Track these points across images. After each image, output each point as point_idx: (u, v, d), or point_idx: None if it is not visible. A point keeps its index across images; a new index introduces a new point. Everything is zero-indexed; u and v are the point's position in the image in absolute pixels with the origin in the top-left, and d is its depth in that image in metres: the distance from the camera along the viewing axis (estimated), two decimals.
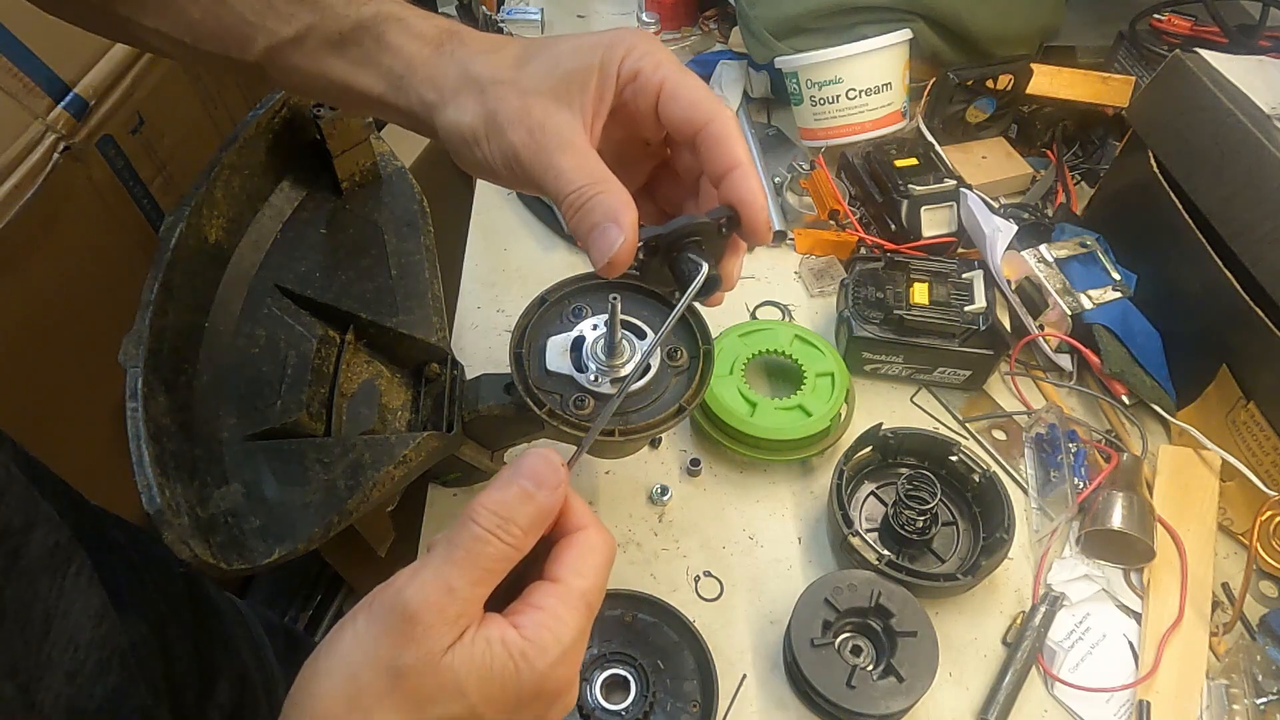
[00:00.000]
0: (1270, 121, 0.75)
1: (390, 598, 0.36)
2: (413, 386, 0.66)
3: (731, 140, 0.44)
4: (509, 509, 0.38)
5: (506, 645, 0.36)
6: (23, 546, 0.49)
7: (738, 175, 0.44)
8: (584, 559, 0.40)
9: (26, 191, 0.75)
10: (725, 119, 0.44)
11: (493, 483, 0.39)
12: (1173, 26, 1.04)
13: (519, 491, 0.38)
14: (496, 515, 0.37)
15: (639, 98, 0.45)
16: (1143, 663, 0.70)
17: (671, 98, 0.44)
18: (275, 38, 0.47)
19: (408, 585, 0.36)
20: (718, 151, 0.45)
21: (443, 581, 0.36)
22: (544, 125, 0.43)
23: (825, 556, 0.76)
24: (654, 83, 0.44)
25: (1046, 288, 0.86)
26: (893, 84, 0.98)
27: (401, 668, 0.35)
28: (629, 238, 0.42)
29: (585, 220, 0.42)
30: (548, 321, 0.63)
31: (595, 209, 0.42)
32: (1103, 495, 0.75)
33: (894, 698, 0.63)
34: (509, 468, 0.39)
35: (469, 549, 0.37)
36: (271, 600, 1.44)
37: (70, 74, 0.80)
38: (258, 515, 0.54)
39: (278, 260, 0.66)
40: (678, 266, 0.46)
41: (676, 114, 0.45)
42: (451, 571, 0.36)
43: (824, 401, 0.78)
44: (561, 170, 0.42)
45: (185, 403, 0.57)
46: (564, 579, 0.39)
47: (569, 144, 0.43)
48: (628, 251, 0.42)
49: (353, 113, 0.51)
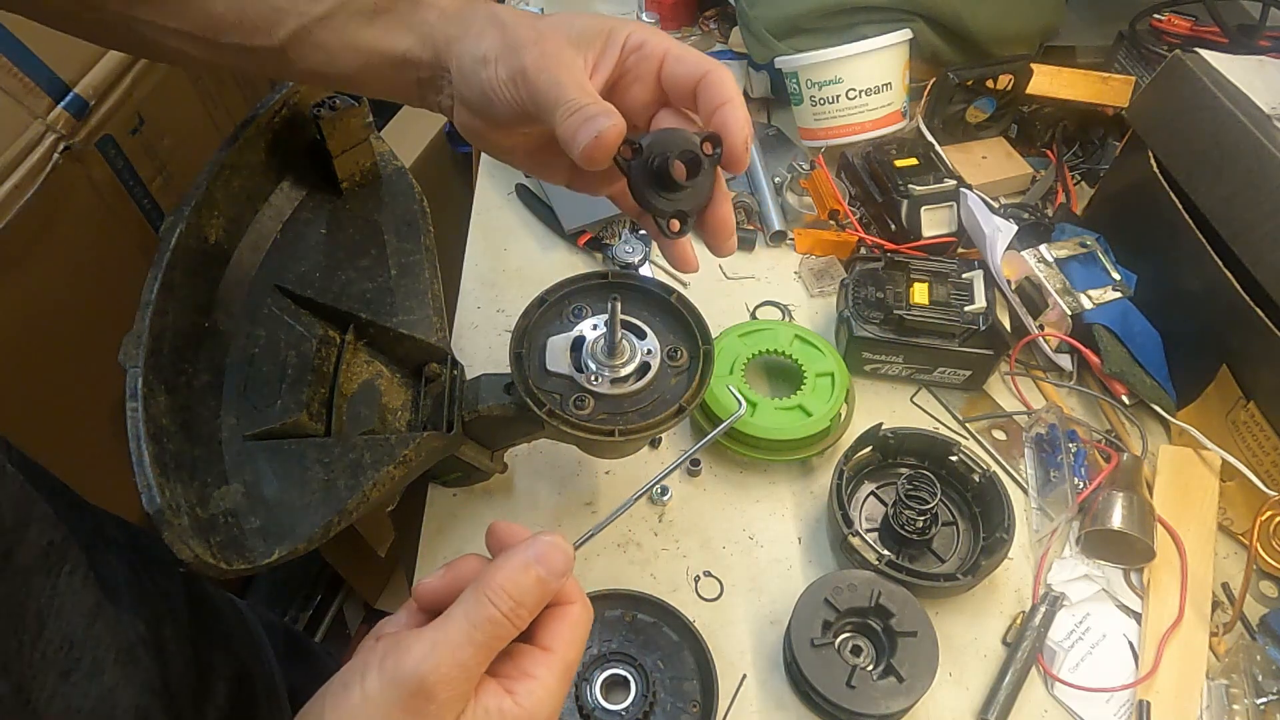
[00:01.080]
0: (1270, 121, 0.75)
1: (407, 668, 0.37)
2: (413, 386, 0.66)
3: (726, 84, 0.48)
4: (524, 594, 0.40)
5: (504, 713, 0.39)
6: (16, 545, 0.49)
7: (725, 109, 0.47)
8: (574, 631, 0.43)
9: (26, 191, 0.75)
10: (723, 70, 0.48)
11: (509, 559, 0.41)
12: (1173, 26, 1.04)
13: (536, 579, 0.41)
14: (513, 600, 0.40)
15: (642, 65, 0.50)
16: (1143, 663, 0.70)
17: (676, 60, 0.49)
18: (306, 18, 0.49)
19: (425, 659, 0.38)
20: (711, 94, 0.48)
21: (459, 661, 0.38)
22: (554, 50, 0.47)
23: (825, 556, 0.76)
24: (658, 50, 0.49)
25: (1046, 288, 0.86)
26: (893, 84, 0.98)
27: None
28: (617, 122, 0.44)
29: (575, 120, 0.44)
30: (548, 321, 0.64)
31: (588, 112, 0.45)
32: (1103, 495, 0.75)
33: (894, 698, 0.63)
34: (528, 549, 0.41)
35: (487, 632, 0.39)
36: (271, 600, 1.44)
37: (70, 74, 0.80)
38: (258, 515, 0.54)
39: (278, 260, 0.66)
40: (662, 170, 0.48)
41: (679, 72, 0.49)
42: (468, 652, 0.38)
43: (824, 401, 0.78)
44: (564, 84, 0.45)
45: (185, 403, 0.57)
46: (556, 650, 0.42)
47: (570, 66, 0.47)
48: (613, 131, 0.44)
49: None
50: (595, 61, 0.49)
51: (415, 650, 0.38)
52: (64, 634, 0.51)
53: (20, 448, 0.61)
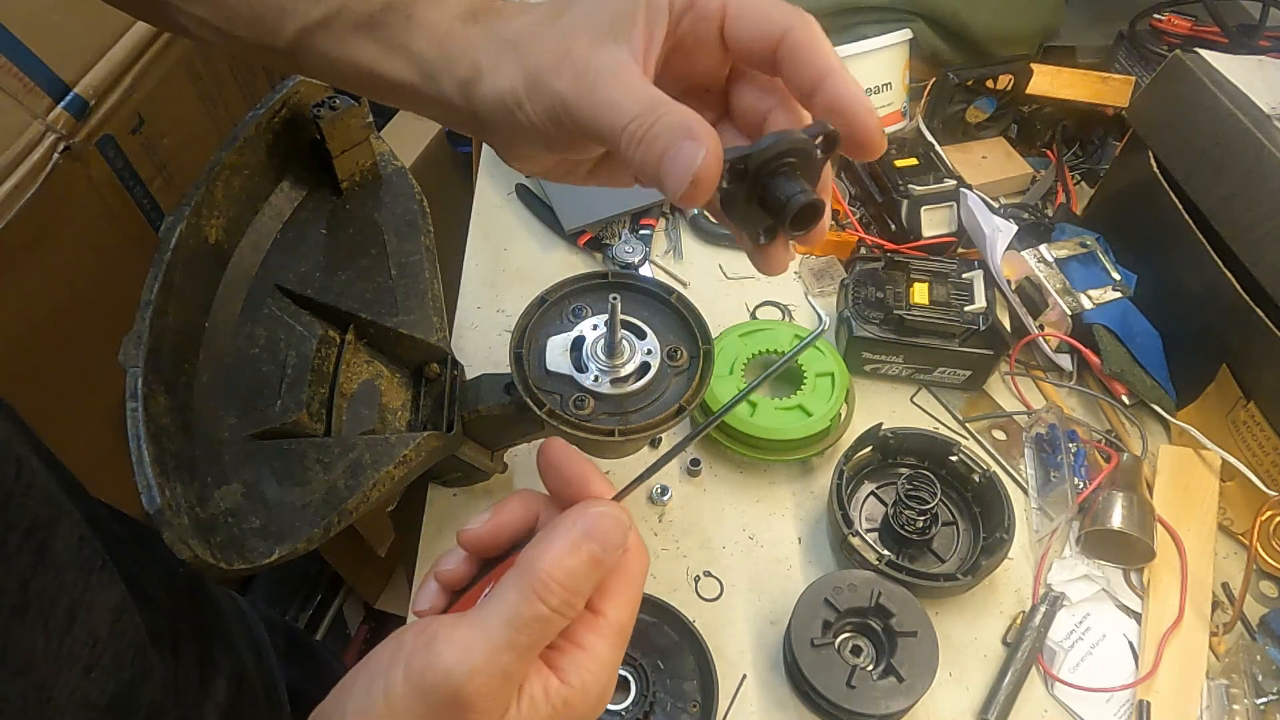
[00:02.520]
0: (1270, 121, 0.75)
1: (439, 675, 0.33)
2: (413, 386, 0.66)
3: (817, 46, 0.37)
4: (578, 581, 0.34)
5: (550, 698, 0.34)
6: (50, 540, 0.48)
7: (831, 83, 0.37)
8: (627, 589, 0.36)
9: (26, 191, 0.75)
10: (807, 23, 0.37)
11: (558, 538, 0.35)
12: (1173, 26, 1.04)
13: (589, 559, 0.35)
14: (566, 591, 0.34)
15: (699, 26, 0.39)
16: (1143, 663, 0.70)
17: (738, 15, 0.38)
18: (305, 19, 0.45)
19: (460, 664, 0.32)
20: (803, 61, 0.37)
21: (500, 667, 0.33)
22: (589, 63, 0.37)
23: (825, 556, 0.76)
24: (715, 5, 0.38)
25: (1046, 288, 0.86)
26: (893, 84, 0.98)
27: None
28: (712, 150, 0.34)
29: (652, 149, 0.35)
30: (548, 321, 0.64)
31: (661, 132, 0.35)
32: (1103, 495, 0.75)
33: (894, 698, 0.63)
34: (575, 524, 0.35)
35: (535, 632, 0.34)
36: (271, 599, 1.44)
37: (70, 74, 0.80)
38: (258, 515, 0.54)
39: (278, 260, 0.66)
40: (770, 194, 0.38)
41: (748, 31, 0.38)
42: (510, 657, 0.33)
43: (824, 401, 0.78)
44: (614, 101, 0.36)
45: (185, 403, 0.57)
46: (606, 612, 0.36)
47: (617, 74, 0.37)
48: (712, 168, 0.34)
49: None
50: (643, 46, 0.38)
51: (447, 654, 0.33)
52: (90, 630, 0.50)
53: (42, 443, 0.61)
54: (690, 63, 0.41)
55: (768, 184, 0.38)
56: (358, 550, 1.32)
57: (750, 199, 0.39)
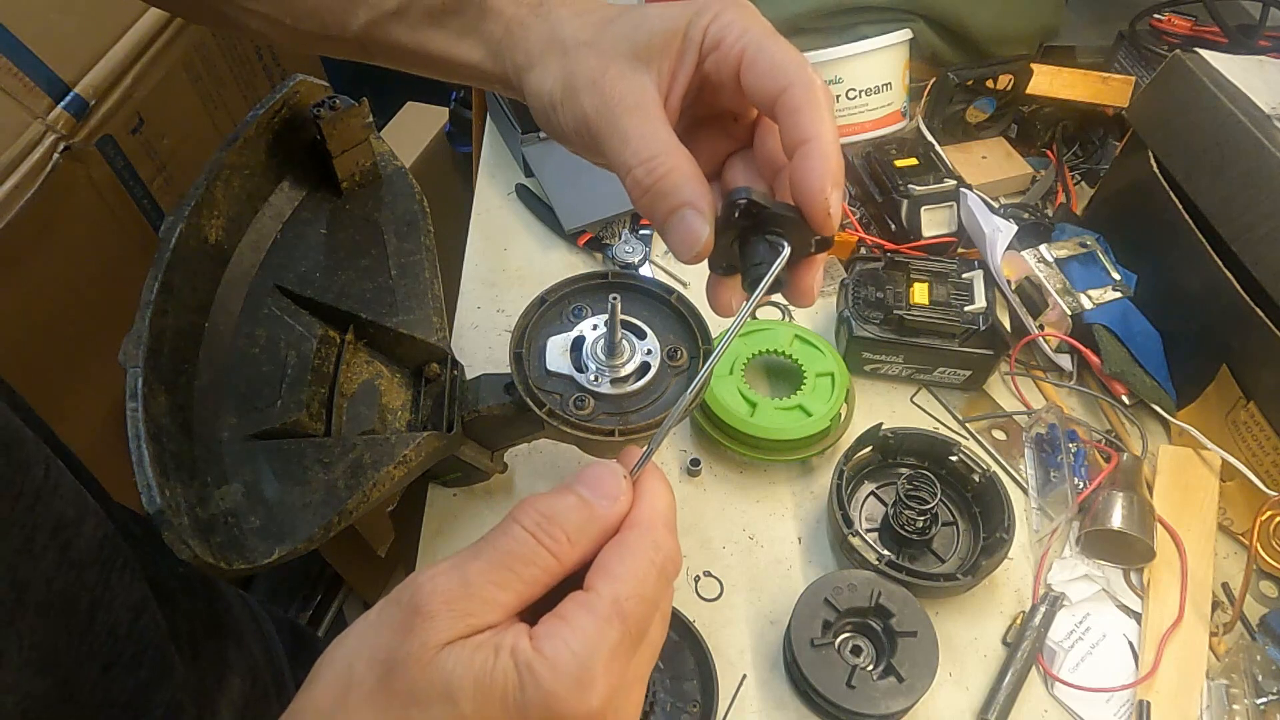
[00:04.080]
0: (1270, 121, 0.75)
1: (404, 586, 0.33)
2: (413, 386, 0.66)
3: (806, 109, 0.38)
4: (556, 511, 0.34)
5: (515, 654, 0.31)
6: (74, 539, 0.49)
7: (803, 152, 0.38)
8: (622, 560, 0.34)
9: (26, 191, 0.75)
10: (805, 84, 0.38)
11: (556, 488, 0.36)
12: (1173, 26, 1.04)
13: (575, 499, 0.35)
14: (540, 515, 0.33)
15: (721, 68, 0.41)
16: (1143, 663, 0.70)
17: (752, 64, 0.40)
18: (377, 11, 0.46)
19: (425, 575, 0.32)
20: (792, 121, 0.38)
21: (459, 573, 0.32)
22: (616, 88, 0.40)
23: (825, 556, 0.76)
24: (735, 51, 0.40)
25: (1046, 288, 0.86)
26: (893, 84, 0.98)
27: (394, 661, 0.31)
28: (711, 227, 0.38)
29: (658, 205, 0.39)
30: (548, 321, 0.64)
31: (667, 191, 0.38)
32: (1103, 495, 0.75)
33: (894, 698, 0.63)
34: (570, 477, 0.36)
35: (499, 545, 0.33)
36: (272, 599, 1.44)
37: (70, 74, 0.80)
38: (258, 515, 0.54)
39: (278, 260, 0.66)
40: (747, 249, 0.40)
41: (755, 80, 0.40)
42: (473, 565, 0.32)
43: (824, 401, 0.78)
44: (628, 136, 0.39)
45: (185, 403, 0.57)
46: (597, 587, 0.33)
47: (638, 107, 0.40)
48: (711, 239, 0.38)
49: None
50: (672, 73, 0.41)
51: (425, 570, 0.32)
52: (110, 628, 0.51)
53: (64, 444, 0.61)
54: (717, 96, 0.43)
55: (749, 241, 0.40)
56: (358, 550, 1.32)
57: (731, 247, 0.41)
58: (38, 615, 0.46)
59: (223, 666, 0.67)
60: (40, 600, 0.46)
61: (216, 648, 0.67)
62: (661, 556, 0.35)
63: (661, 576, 0.34)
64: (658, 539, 0.35)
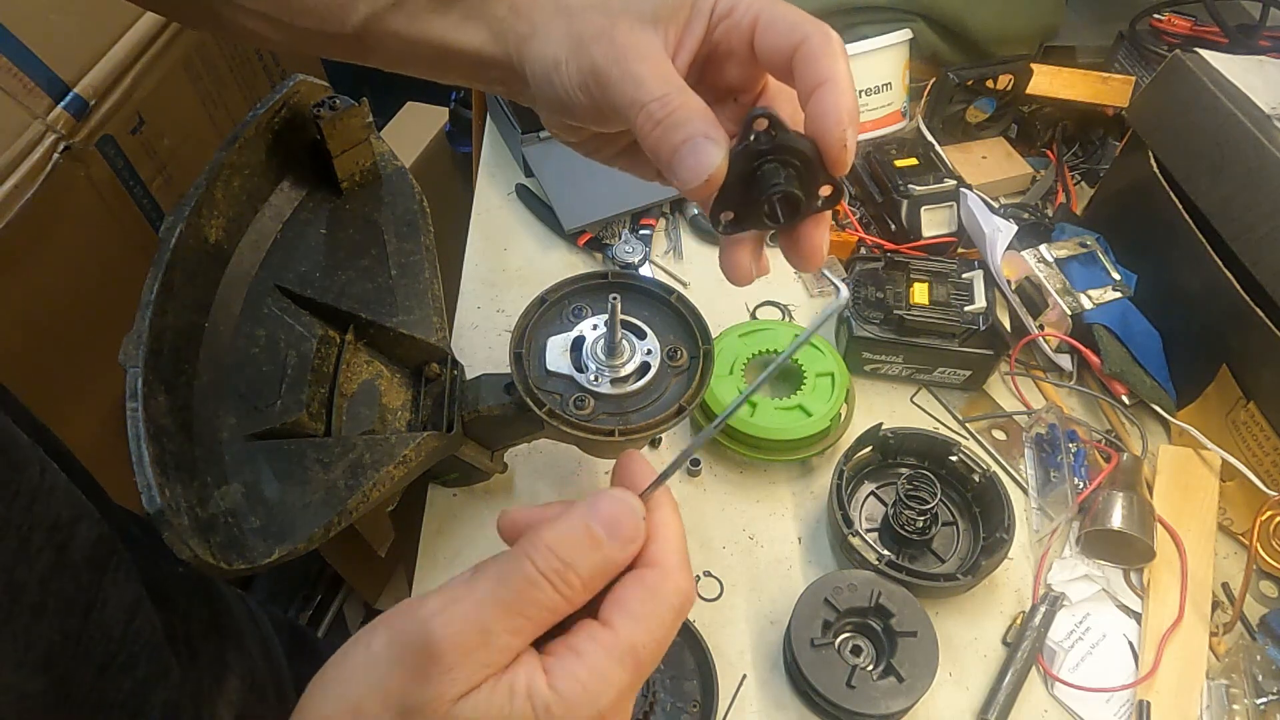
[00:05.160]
0: (1270, 121, 0.75)
1: (417, 626, 0.31)
2: (413, 386, 0.66)
3: (825, 55, 0.39)
4: (572, 553, 0.33)
5: (531, 698, 0.31)
6: (70, 540, 0.49)
7: (822, 91, 0.38)
8: (644, 603, 0.33)
9: (26, 191, 0.75)
10: (823, 35, 0.39)
11: (564, 514, 0.34)
12: (1173, 26, 1.04)
13: (588, 537, 0.33)
14: (556, 558, 0.32)
15: (732, 34, 0.41)
16: (1143, 663, 0.70)
17: (768, 25, 0.40)
18: (377, 4, 0.46)
19: (437, 615, 0.31)
20: (809, 68, 0.39)
21: (479, 623, 0.31)
22: (627, 39, 0.40)
23: (825, 556, 0.76)
24: (749, 16, 0.41)
25: (1046, 288, 0.86)
26: (893, 84, 0.98)
27: (409, 708, 0.31)
28: (725, 153, 0.38)
29: (670, 136, 0.38)
30: (548, 321, 0.64)
31: (681, 123, 0.38)
32: (1103, 495, 0.75)
33: (894, 698, 0.63)
34: (584, 503, 0.34)
35: (513, 586, 0.32)
36: (272, 600, 1.44)
37: (70, 74, 0.80)
38: (258, 515, 0.54)
39: (278, 260, 0.66)
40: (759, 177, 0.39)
41: (772, 40, 0.40)
42: (492, 614, 0.32)
43: (824, 401, 0.78)
44: (640, 77, 0.39)
45: (185, 403, 0.57)
46: (615, 624, 0.33)
47: (649, 55, 0.40)
48: (723, 167, 0.38)
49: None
50: (679, 38, 0.41)
51: (430, 603, 0.32)
52: (105, 628, 0.51)
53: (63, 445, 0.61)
54: (723, 71, 0.43)
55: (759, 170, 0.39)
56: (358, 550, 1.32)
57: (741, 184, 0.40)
58: (33, 616, 0.46)
59: (221, 667, 0.67)
60: (35, 601, 0.46)
61: (215, 649, 0.67)
62: (680, 600, 0.34)
63: (678, 620, 0.34)
64: (679, 584, 0.34)
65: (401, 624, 0.32)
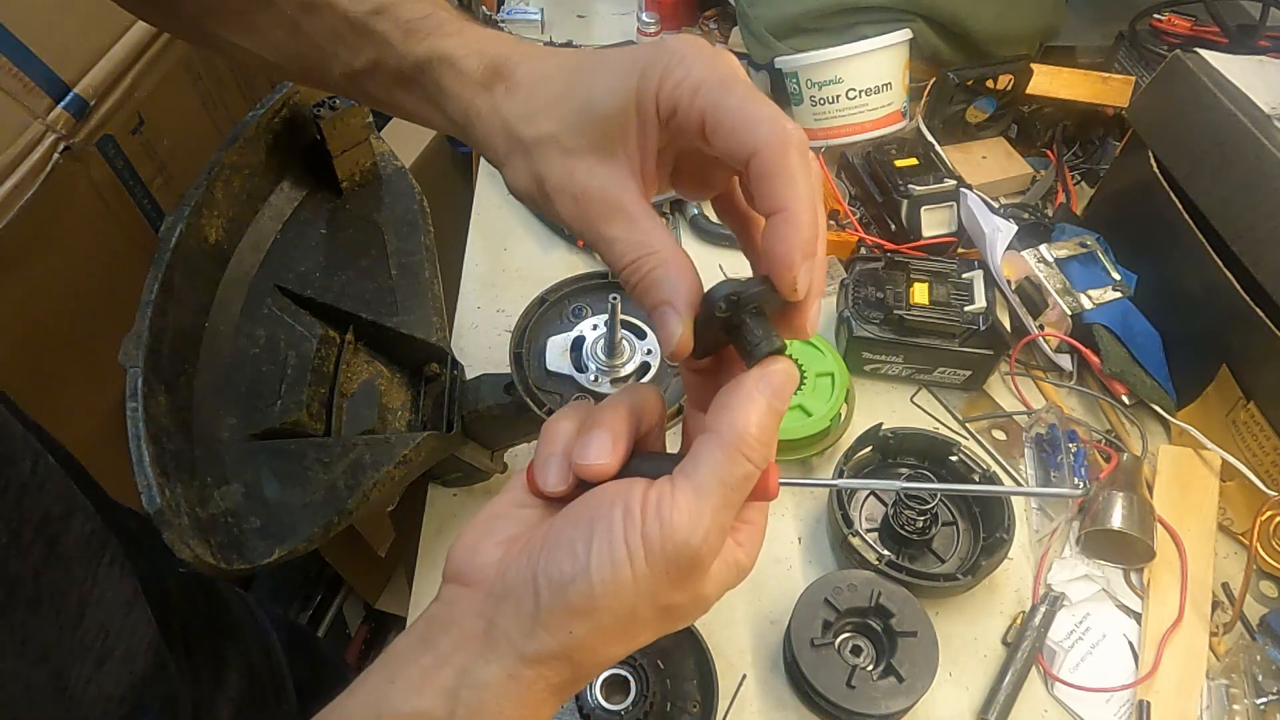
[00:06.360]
0: (1270, 121, 0.75)
1: (678, 541, 0.35)
2: (413, 386, 0.66)
3: (779, 175, 0.36)
4: (769, 435, 0.37)
5: (740, 569, 0.39)
6: (61, 534, 0.49)
7: (773, 223, 0.36)
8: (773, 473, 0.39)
9: (26, 191, 0.75)
10: (773, 146, 0.36)
11: (739, 397, 0.36)
12: (1173, 26, 1.04)
13: (772, 413, 0.37)
14: (764, 446, 0.36)
15: (687, 130, 0.38)
16: (1143, 663, 0.70)
17: (714, 129, 0.37)
18: (348, 67, 0.47)
19: (694, 530, 0.35)
20: (762, 190, 0.36)
21: (720, 526, 0.36)
22: (587, 190, 0.39)
23: (825, 556, 0.76)
24: (695, 115, 0.37)
25: (1046, 288, 0.86)
26: (893, 84, 0.98)
27: (675, 605, 0.37)
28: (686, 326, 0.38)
29: (644, 300, 0.39)
30: (548, 321, 0.64)
31: (650, 289, 0.39)
32: (1103, 495, 0.75)
33: (894, 698, 0.63)
34: (757, 384, 0.37)
35: (741, 490, 0.37)
36: (272, 599, 1.44)
37: (70, 74, 0.80)
38: (258, 515, 0.54)
39: (278, 260, 0.66)
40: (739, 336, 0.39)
41: (723, 147, 0.37)
42: (728, 516, 0.37)
43: (824, 401, 0.78)
44: (611, 242, 0.39)
45: (185, 403, 0.57)
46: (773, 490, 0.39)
47: (615, 209, 0.39)
48: (687, 341, 0.38)
49: None
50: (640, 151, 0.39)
51: (679, 521, 0.35)
52: (101, 622, 0.51)
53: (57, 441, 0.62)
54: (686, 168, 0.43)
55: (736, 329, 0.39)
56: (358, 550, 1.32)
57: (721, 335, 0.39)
58: (27, 610, 0.46)
59: (220, 664, 0.67)
60: (30, 595, 0.46)
61: (214, 646, 0.67)
62: None
63: None
64: None
65: (660, 539, 0.35)
